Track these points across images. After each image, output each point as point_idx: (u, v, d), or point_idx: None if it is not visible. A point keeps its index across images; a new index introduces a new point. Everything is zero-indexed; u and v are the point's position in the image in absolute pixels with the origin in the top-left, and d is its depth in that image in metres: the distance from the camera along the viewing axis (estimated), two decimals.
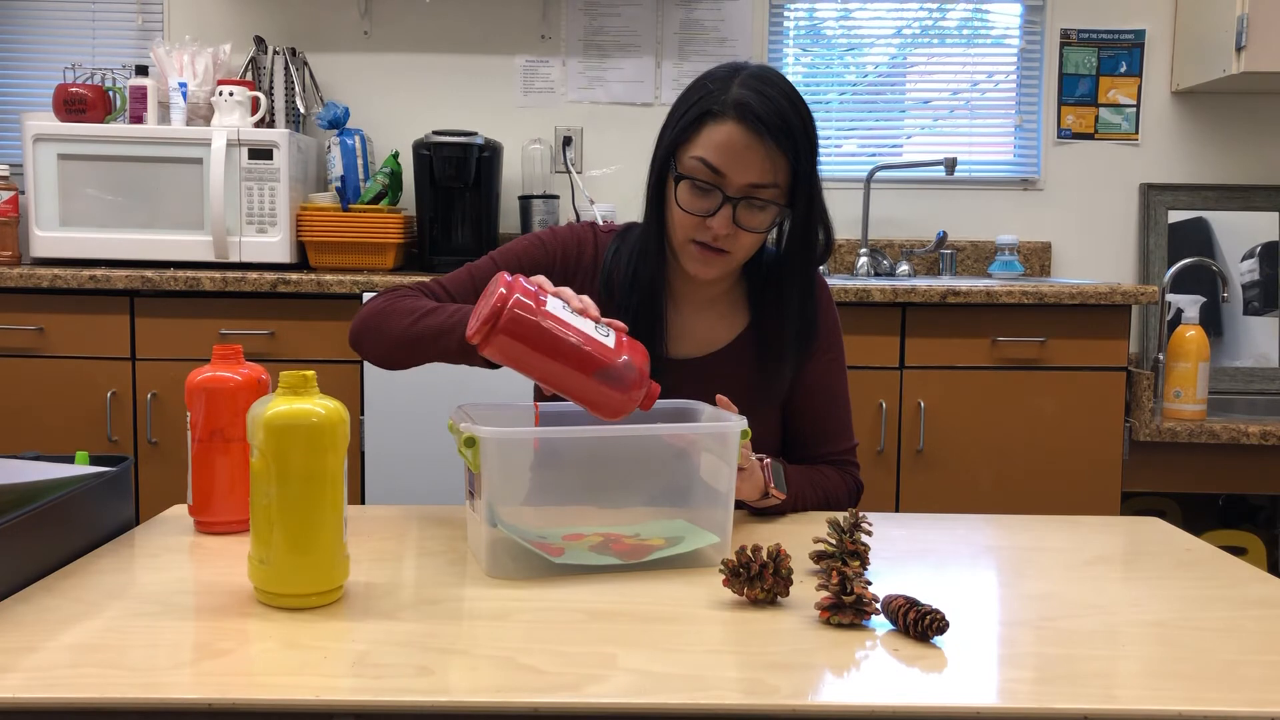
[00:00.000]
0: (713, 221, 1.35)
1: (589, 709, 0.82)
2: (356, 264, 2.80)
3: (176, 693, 0.82)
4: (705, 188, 1.36)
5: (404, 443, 2.53)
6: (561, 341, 1.13)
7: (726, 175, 1.34)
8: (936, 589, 1.07)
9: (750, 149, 1.33)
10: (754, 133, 1.32)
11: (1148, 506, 3.02)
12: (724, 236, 1.37)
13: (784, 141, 1.33)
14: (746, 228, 1.37)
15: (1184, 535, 1.34)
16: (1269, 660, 0.92)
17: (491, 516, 1.12)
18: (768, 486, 1.34)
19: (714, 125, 1.34)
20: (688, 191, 1.37)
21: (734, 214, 1.35)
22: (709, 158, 1.34)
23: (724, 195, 1.35)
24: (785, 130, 1.33)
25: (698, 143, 1.36)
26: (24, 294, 2.57)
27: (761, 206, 1.36)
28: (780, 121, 1.33)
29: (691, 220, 1.38)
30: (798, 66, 3.26)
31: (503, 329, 1.12)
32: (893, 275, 3.09)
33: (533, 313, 1.13)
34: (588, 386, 1.14)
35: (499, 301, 1.12)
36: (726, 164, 1.34)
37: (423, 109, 3.16)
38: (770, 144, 1.32)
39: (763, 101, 1.33)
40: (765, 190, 1.35)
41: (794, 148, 1.34)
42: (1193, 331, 2.71)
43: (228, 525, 1.25)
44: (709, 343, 1.50)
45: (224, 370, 1.25)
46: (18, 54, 3.18)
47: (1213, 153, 3.20)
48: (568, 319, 1.15)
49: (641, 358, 1.17)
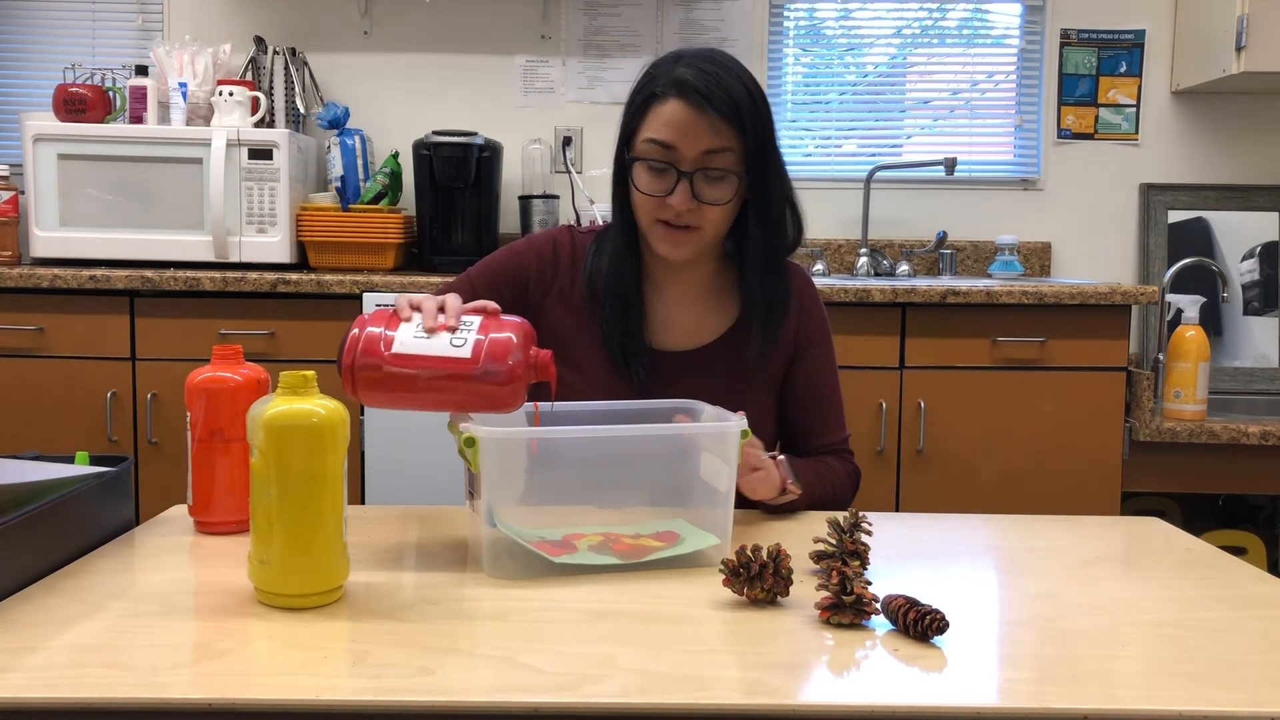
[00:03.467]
0: (672, 199, 1.38)
1: (589, 709, 0.82)
2: (356, 264, 2.80)
3: (176, 693, 0.82)
4: (660, 167, 1.39)
5: (404, 443, 2.53)
6: (414, 380, 1.11)
7: (678, 149, 1.37)
8: (936, 589, 1.07)
9: (696, 121, 1.36)
10: (696, 106, 1.36)
11: (1148, 506, 3.01)
12: (687, 212, 1.39)
13: (728, 110, 1.36)
14: (707, 200, 1.39)
15: (1184, 535, 1.34)
16: (1269, 660, 0.92)
17: (491, 516, 1.12)
18: (784, 483, 1.35)
19: (659, 106, 1.38)
20: (644, 173, 1.40)
21: (692, 188, 1.38)
22: (658, 136, 1.38)
23: (678, 171, 1.38)
24: (729, 100, 1.36)
25: (646, 125, 1.40)
26: (24, 294, 2.57)
27: (719, 177, 1.39)
28: (723, 93, 1.36)
29: (652, 201, 1.40)
30: (798, 66, 3.26)
31: (361, 386, 1.12)
32: (893, 275, 3.09)
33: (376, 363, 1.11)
34: (463, 400, 1.13)
35: (345, 357, 1.11)
36: (675, 138, 1.37)
37: (423, 109, 3.15)
38: (714, 114, 1.36)
39: (703, 76, 1.37)
40: (718, 157, 1.38)
41: (739, 116, 1.37)
42: (1193, 331, 2.71)
43: (228, 525, 1.25)
44: (700, 335, 1.51)
45: (224, 370, 1.25)
46: (18, 54, 3.18)
47: (1213, 153, 3.20)
48: (417, 348, 1.12)
49: (503, 347, 1.12)
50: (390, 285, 2.53)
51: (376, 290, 2.53)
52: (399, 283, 2.54)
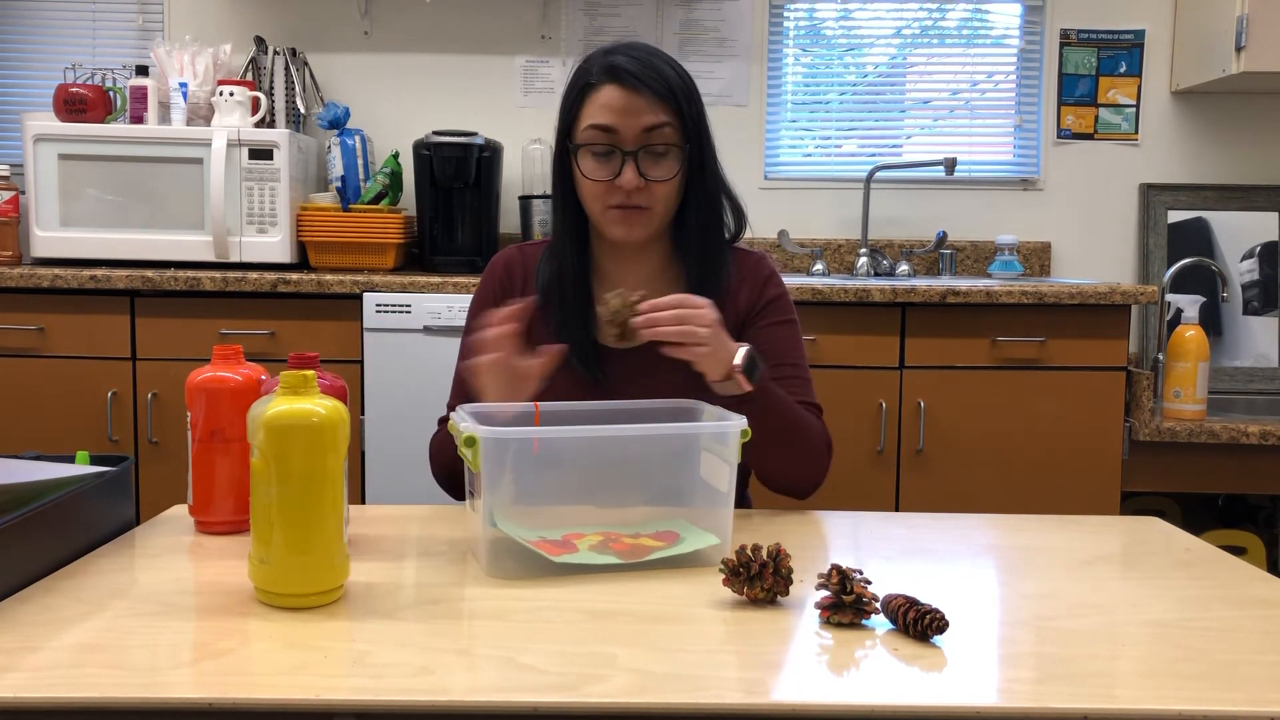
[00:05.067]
0: (621, 180, 1.41)
1: (589, 709, 0.82)
2: (357, 264, 2.80)
3: (176, 693, 0.82)
4: (603, 150, 1.42)
5: (404, 443, 2.53)
6: None
7: (618, 130, 1.41)
8: (936, 589, 1.07)
9: (633, 101, 1.41)
10: (632, 87, 1.40)
11: (1148, 506, 3.01)
12: (636, 192, 1.41)
13: (662, 89, 1.41)
14: (654, 178, 1.42)
15: (1184, 535, 1.34)
16: (1269, 660, 0.92)
17: (491, 516, 1.12)
18: (733, 371, 1.30)
19: (594, 94, 1.42)
20: (589, 160, 1.43)
21: (638, 167, 1.41)
22: (597, 120, 1.41)
23: (622, 152, 1.41)
24: (661, 80, 1.41)
25: (584, 114, 1.43)
26: (24, 294, 2.57)
27: (662, 152, 1.42)
28: (655, 74, 1.41)
29: (600, 187, 1.43)
30: (798, 66, 3.26)
31: None
32: (892, 275, 3.09)
33: None
34: None
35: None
36: (615, 120, 1.41)
37: (423, 109, 3.15)
38: (649, 93, 1.41)
39: (632, 61, 1.42)
40: (658, 133, 1.41)
41: (673, 94, 1.42)
42: (1192, 331, 2.71)
43: (228, 525, 1.25)
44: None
45: (224, 370, 1.25)
46: (18, 54, 3.18)
47: (1212, 153, 3.20)
48: None
49: None
50: (390, 285, 2.54)
51: (377, 290, 2.53)
52: (399, 282, 2.54)
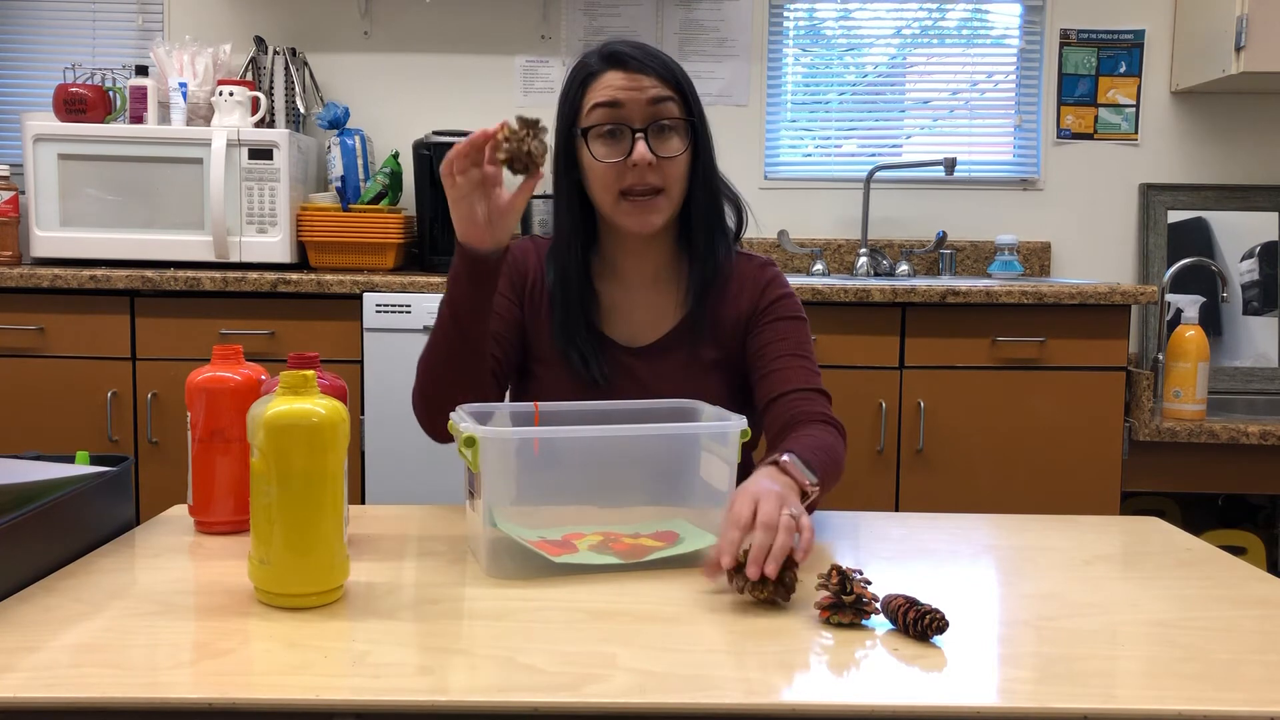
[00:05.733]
0: (635, 155, 1.40)
1: (589, 709, 0.82)
2: (357, 264, 2.80)
3: (176, 693, 0.82)
4: (613, 129, 1.41)
5: (404, 443, 2.53)
6: None
7: (625, 106, 1.41)
8: (936, 589, 1.07)
9: (636, 79, 1.41)
10: (632, 69, 1.42)
11: (1148, 506, 3.01)
12: (650, 171, 1.41)
13: (662, 69, 1.43)
14: (665, 154, 1.41)
15: (1184, 535, 1.34)
16: (1269, 660, 0.92)
17: (491, 516, 1.12)
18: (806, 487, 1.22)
19: (596, 81, 1.43)
20: (599, 142, 1.42)
21: (648, 143, 1.41)
22: (603, 98, 1.42)
23: (632, 130, 1.41)
24: (660, 61, 1.44)
25: (588, 98, 1.44)
26: (24, 294, 2.57)
27: (671, 127, 1.42)
28: (653, 57, 1.44)
29: (613, 169, 1.41)
30: (798, 66, 3.26)
31: None
32: (892, 275, 3.09)
33: None
34: None
35: None
36: (622, 96, 1.41)
37: (423, 109, 3.15)
38: (651, 71, 1.42)
39: (630, 47, 1.44)
40: (664, 107, 1.42)
41: (673, 75, 1.44)
42: (1192, 331, 2.71)
43: (228, 525, 1.25)
44: (658, 326, 1.50)
45: (224, 370, 1.25)
46: (18, 54, 3.18)
47: (1212, 153, 3.20)
48: None
49: None
50: (390, 285, 2.54)
51: (377, 290, 2.53)
52: (399, 282, 2.54)
